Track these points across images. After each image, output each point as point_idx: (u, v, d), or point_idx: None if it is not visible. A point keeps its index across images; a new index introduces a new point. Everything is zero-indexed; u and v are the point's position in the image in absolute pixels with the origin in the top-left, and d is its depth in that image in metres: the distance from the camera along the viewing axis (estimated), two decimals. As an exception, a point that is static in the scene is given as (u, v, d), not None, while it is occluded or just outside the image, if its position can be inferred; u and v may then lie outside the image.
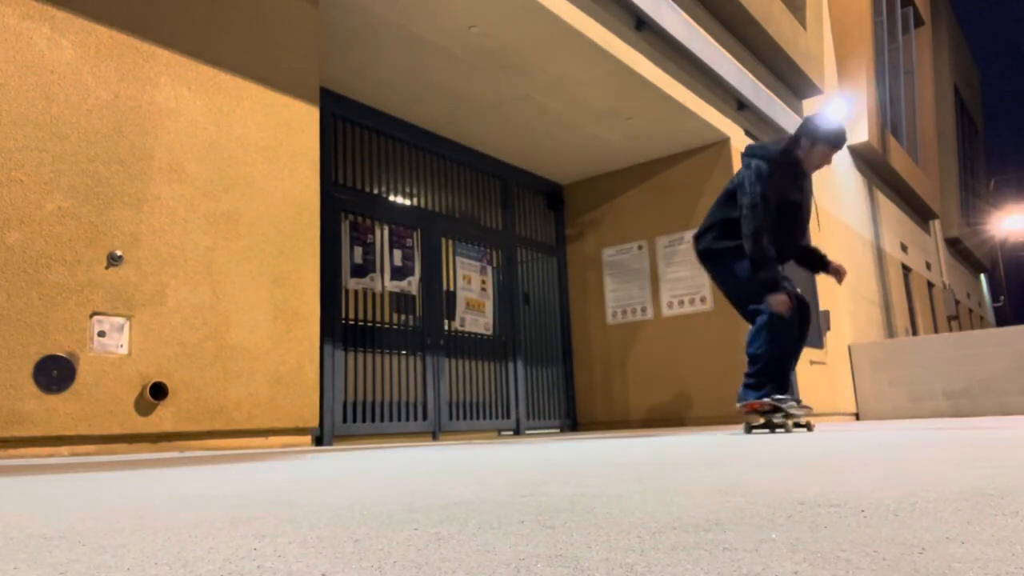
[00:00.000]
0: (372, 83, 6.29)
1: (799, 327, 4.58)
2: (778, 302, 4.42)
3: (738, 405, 4.59)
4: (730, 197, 4.72)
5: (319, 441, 5.40)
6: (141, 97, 3.72)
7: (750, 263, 4.52)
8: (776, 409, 4.41)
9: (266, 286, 4.13)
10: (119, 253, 3.51)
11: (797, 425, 4.61)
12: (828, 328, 9.67)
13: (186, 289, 3.75)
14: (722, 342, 7.64)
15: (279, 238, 4.24)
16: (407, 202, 7.20)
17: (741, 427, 5.81)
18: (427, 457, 2.65)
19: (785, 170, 4.61)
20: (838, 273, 4.90)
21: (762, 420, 4.53)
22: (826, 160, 4.68)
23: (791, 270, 5.34)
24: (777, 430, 4.46)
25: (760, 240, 4.46)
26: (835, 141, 4.62)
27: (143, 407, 3.52)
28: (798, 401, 4.54)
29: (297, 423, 4.18)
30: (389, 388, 6.52)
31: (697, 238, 4.85)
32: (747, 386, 4.54)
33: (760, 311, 4.52)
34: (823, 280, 9.95)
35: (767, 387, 4.47)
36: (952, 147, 20.64)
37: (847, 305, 10.87)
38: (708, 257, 4.77)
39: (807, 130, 4.66)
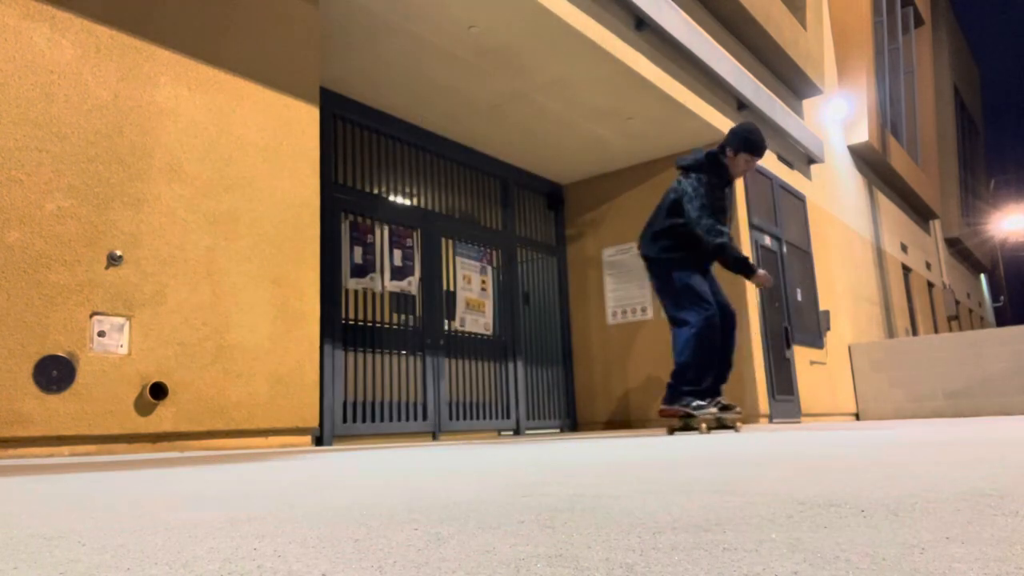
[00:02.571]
0: (372, 83, 6.29)
1: (724, 336, 5.00)
2: (762, 277, 4.90)
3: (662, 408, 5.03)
4: (674, 206, 5.07)
5: (319, 441, 5.41)
6: (141, 97, 3.72)
7: (732, 261, 4.93)
8: (689, 415, 4.92)
9: (266, 286, 4.13)
10: (119, 253, 3.51)
11: (723, 427, 5.07)
12: (828, 328, 9.67)
13: (186, 289, 3.75)
14: (722, 342, 7.63)
15: (279, 238, 4.24)
16: (407, 202, 7.20)
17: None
18: (427, 457, 2.65)
19: (715, 179, 5.01)
20: (762, 283, 5.05)
21: (680, 424, 5.00)
22: (749, 167, 5.03)
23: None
24: (693, 432, 4.89)
25: (716, 231, 4.87)
26: (755, 149, 4.97)
27: (143, 407, 3.52)
28: (726, 406, 5.02)
29: (297, 423, 4.18)
30: (389, 388, 6.52)
31: (645, 242, 5.20)
32: (670, 391, 4.97)
33: (688, 322, 4.91)
34: (823, 281, 9.95)
35: (686, 396, 4.92)
36: (952, 147, 20.64)
37: (847, 305, 10.87)
38: (657, 264, 5.13)
39: (731, 140, 5.04)
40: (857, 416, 10.07)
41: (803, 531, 0.80)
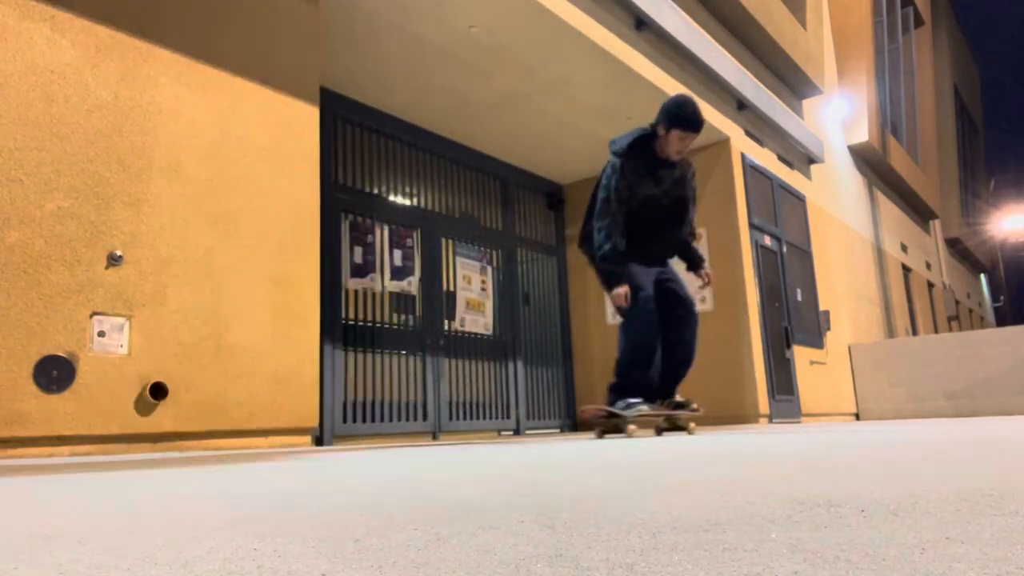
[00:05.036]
0: (372, 83, 6.29)
1: (677, 329, 4.53)
2: (615, 296, 4.34)
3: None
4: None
5: (319, 441, 5.40)
6: (141, 97, 3.72)
7: (599, 272, 4.45)
8: (613, 416, 4.34)
9: (266, 286, 4.13)
10: (119, 253, 3.51)
11: (676, 427, 4.60)
12: (828, 328, 9.67)
13: (186, 289, 3.75)
14: (722, 342, 7.64)
15: (279, 238, 4.24)
16: (407, 202, 7.20)
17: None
18: (427, 457, 2.65)
19: (638, 163, 4.43)
20: (704, 279, 4.83)
21: (608, 426, 4.44)
22: (683, 145, 4.37)
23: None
24: (620, 435, 4.34)
25: (606, 234, 4.36)
26: (685, 124, 4.29)
27: (143, 407, 3.52)
28: (678, 404, 4.52)
29: (297, 423, 4.18)
30: (389, 388, 6.52)
31: (584, 238, 4.71)
32: (608, 390, 4.51)
33: (626, 316, 4.43)
34: (823, 281, 9.95)
35: (614, 396, 4.43)
36: (952, 147, 20.66)
37: (847, 305, 10.87)
38: (594, 260, 4.64)
39: (660, 115, 4.41)
40: (857, 416, 10.07)
41: (803, 531, 0.80)
